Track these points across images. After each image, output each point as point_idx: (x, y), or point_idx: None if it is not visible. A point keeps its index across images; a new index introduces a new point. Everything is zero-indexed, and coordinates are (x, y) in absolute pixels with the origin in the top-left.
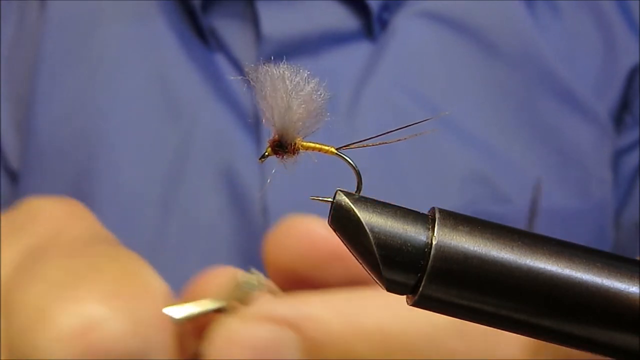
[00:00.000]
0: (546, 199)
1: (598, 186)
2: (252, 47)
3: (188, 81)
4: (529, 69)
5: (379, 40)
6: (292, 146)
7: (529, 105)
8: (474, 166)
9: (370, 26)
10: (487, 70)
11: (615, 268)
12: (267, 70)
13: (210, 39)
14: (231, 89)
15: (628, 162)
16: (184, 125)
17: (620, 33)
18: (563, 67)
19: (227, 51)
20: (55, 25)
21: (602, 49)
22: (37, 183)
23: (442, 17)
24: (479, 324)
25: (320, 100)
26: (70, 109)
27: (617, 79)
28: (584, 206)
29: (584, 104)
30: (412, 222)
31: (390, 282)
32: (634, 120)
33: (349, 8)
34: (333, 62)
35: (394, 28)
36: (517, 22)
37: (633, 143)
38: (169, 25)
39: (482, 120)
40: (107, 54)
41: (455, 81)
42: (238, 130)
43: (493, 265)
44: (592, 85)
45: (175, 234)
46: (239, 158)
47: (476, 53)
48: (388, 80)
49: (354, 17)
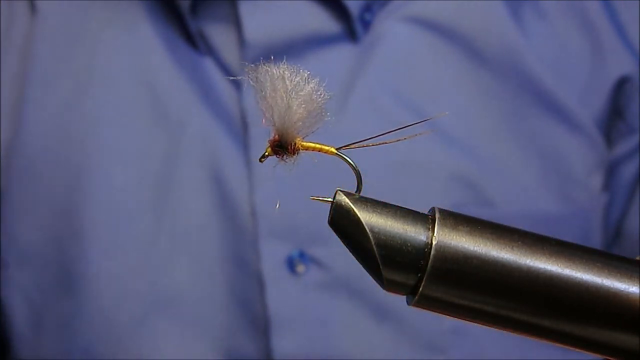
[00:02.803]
0: (528, 203)
1: (581, 192)
2: (239, 51)
3: (176, 87)
4: (514, 75)
5: (363, 42)
6: (292, 146)
7: (514, 111)
8: (458, 169)
9: (352, 28)
10: (472, 76)
11: (615, 268)
12: (267, 70)
13: (198, 42)
14: (218, 94)
15: (626, 171)
16: (172, 130)
17: (608, 40)
18: (548, 74)
19: (216, 55)
20: (45, 34)
21: (589, 56)
22: (27, 189)
23: (428, 23)
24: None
25: (320, 100)
26: (60, 116)
27: (604, 87)
28: (566, 211)
29: (568, 111)
30: (412, 222)
31: (390, 282)
32: (629, 128)
33: (330, 11)
34: (317, 66)
35: (380, 32)
36: (503, 29)
37: (630, 151)
38: (157, 32)
39: (466, 124)
40: (96, 61)
41: (441, 86)
42: (225, 135)
43: (493, 265)
44: (578, 93)
45: (165, 237)
46: (226, 162)
47: (462, 59)
48: (375, 84)
49: (335, 20)
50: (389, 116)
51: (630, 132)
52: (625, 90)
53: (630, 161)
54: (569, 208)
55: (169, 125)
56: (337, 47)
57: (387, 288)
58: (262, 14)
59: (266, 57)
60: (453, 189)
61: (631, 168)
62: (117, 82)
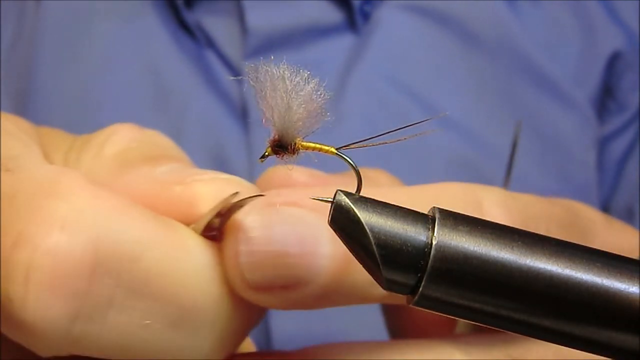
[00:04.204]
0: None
1: (579, 170)
2: (239, 42)
3: (178, 74)
4: (509, 57)
5: (362, 32)
6: (292, 146)
7: (509, 92)
8: (456, 152)
9: (353, 19)
10: (467, 59)
11: (615, 268)
12: (267, 70)
13: (198, 34)
14: (220, 81)
15: (614, 148)
16: (175, 115)
17: (599, 19)
18: (542, 55)
19: (215, 47)
20: (50, 23)
21: (581, 36)
22: None
23: (423, 9)
24: (478, 324)
25: (320, 100)
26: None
27: (597, 66)
28: (565, 189)
29: (563, 90)
30: (412, 222)
31: (390, 282)
32: (618, 106)
33: (332, 1)
34: (318, 55)
35: (376, 20)
36: (497, 12)
37: (618, 129)
38: (160, 22)
39: (463, 107)
40: (101, 49)
41: (437, 70)
42: (227, 119)
43: (493, 265)
44: (571, 72)
45: None
46: (228, 145)
47: (457, 43)
48: (372, 70)
49: (337, 10)
50: (387, 101)
51: (620, 110)
52: (616, 68)
53: (619, 138)
54: (568, 186)
55: (171, 110)
56: (338, 37)
57: (387, 288)
58: (264, 4)
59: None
60: (452, 171)
61: (620, 145)
62: (121, 68)
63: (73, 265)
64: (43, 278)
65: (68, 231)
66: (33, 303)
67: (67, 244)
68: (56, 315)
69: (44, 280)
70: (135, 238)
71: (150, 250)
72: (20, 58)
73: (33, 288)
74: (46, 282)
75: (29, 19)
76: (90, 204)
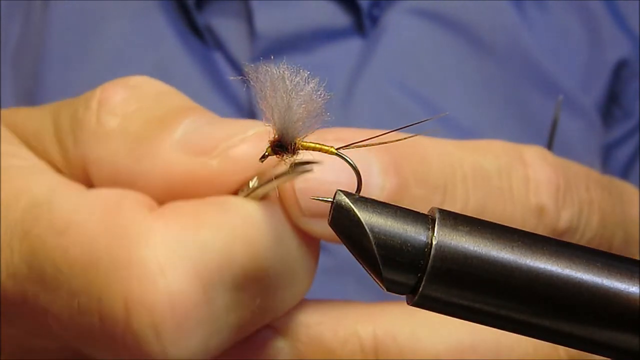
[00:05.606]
0: None
1: None
2: (248, 44)
3: (186, 75)
4: (517, 63)
5: (370, 36)
6: (292, 146)
7: (517, 98)
8: None
9: (361, 23)
10: (475, 65)
11: (615, 268)
12: (267, 70)
13: (207, 36)
14: (228, 83)
15: (619, 155)
16: None
17: (606, 26)
18: (550, 62)
19: (224, 49)
20: (59, 24)
21: (588, 43)
22: None
23: (432, 14)
24: (478, 324)
25: (320, 100)
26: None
27: (603, 73)
28: None
29: (570, 96)
30: (412, 222)
31: (390, 282)
32: (623, 113)
33: (340, 5)
34: (326, 58)
35: (385, 24)
36: (505, 19)
37: (623, 136)
38: (169, 22)
39: (470, 112)
40: (110, 50)
41: (445, 75)
42: None
43: (493, 265)
44: (578, 79)
45: None
46: None
47: (465, 48)
48: (380, 73)
49: (345, 14)
50: (395, 104)
51: (625, 117)
52: (622, 76)
53: (623, 145)
54: None
55: None
56: (346, 41)
57: (387, 288)
58: (273, 7)
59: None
60: None
61: (625, 152)
62: (130, 68)
63: (189, 298)
64: (172, 326)
65: (168, 272)
66: (175, 351)
67: (174, 283)
68: (195, 348)
69: (174, 327)
70: (221, 243)
71: (235, 244)
72: (29, 58)
73: (169, 341)
74: (176, 328)
75: (37, 19)
76: (167, 233)
